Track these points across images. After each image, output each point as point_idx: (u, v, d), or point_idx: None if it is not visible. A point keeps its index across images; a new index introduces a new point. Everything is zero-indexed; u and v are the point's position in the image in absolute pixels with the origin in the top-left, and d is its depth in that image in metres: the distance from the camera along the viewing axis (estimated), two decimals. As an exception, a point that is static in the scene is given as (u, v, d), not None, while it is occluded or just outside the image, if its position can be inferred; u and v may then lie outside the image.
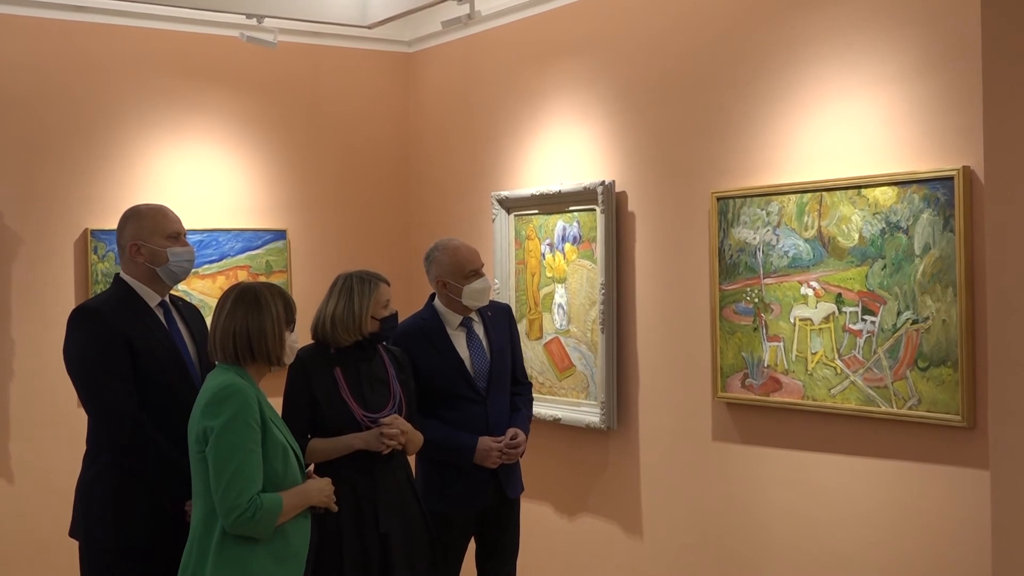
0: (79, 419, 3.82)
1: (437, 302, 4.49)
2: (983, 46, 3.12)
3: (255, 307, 3.39)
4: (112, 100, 5.74)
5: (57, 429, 5.42)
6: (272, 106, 6.21)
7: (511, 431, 4.42)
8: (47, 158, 5.58)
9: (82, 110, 5.66)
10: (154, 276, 3.81)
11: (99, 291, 5.51)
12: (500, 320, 4.60)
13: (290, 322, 3.46)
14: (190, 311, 4.00)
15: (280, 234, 6.15)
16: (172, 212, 3.94)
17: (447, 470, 4.38)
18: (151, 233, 3.83)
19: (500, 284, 5.76)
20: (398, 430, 3.98)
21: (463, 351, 4.44)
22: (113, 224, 5.81)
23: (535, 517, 5.54)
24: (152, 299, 3.81)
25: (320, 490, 3.48)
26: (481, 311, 4.55)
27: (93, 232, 5.58)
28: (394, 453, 4.02)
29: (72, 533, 3.78)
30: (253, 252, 6.05)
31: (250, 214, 6.12)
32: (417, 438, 4.14)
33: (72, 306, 5.54)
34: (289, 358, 3.50)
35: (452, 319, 4.47)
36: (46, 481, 5.42)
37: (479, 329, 4.52)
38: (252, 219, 6.12)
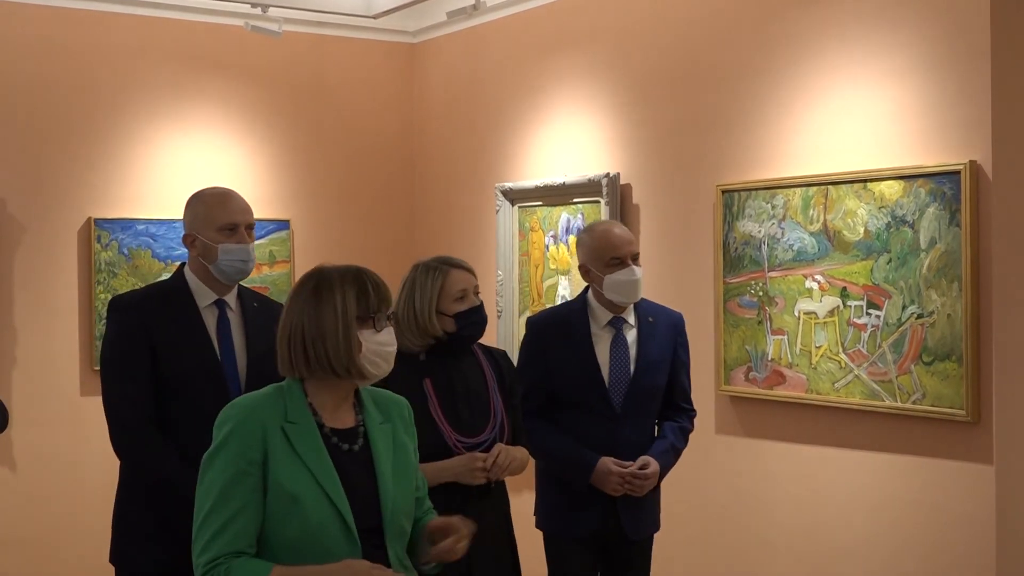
0: (81, 407, 3.79)
1: (590, 293, 3.84)
2: (991, 41, 3.12)
3: (314, 298, 2.50)
4: (116, 89, 5.72)
5: (60, 417, 5.42)
6: (276, 96, 6.20)
7: (642, 460, 3.71)
8: (51, 146, 5.57)
9: (86, 98, 5.65)
10: (210, 274, 3.35)
11: (101, 280, 5.53)
12: (663, 330, 3.86)
13: (370, 316, 2.51)
14: (263, 314, 3.44)
15: (284, 224, 6.14)
16: (237, 200, 3.47)
17: (564, 488, 3.76)
18: (204, 224, 3.35)
19: (503, 276, 5.76)
20: (505, 463, 3.22)
21: (603, 356, 3.76)
22: (116, 213, 5.87)
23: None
24: (204, 298, 3.34)
25: None
26: (640, 314, 3.84)
27: (96, 221, 5.57)
28: (491, 486, 3.28)
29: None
30: (256, 242, 6.01)
31: (254, 204, 5.94)
32: (522, 457, 3.38)
33: (74, 295, 5.58)
34: (376, 367, 2.53)
35: (600, 315, 3.79)
36: (49, 469, 5.42)
37: (630, 334, 3.80)
38: (256, 209, 5.94)
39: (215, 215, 3.35)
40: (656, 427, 3.90)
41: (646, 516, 3.80)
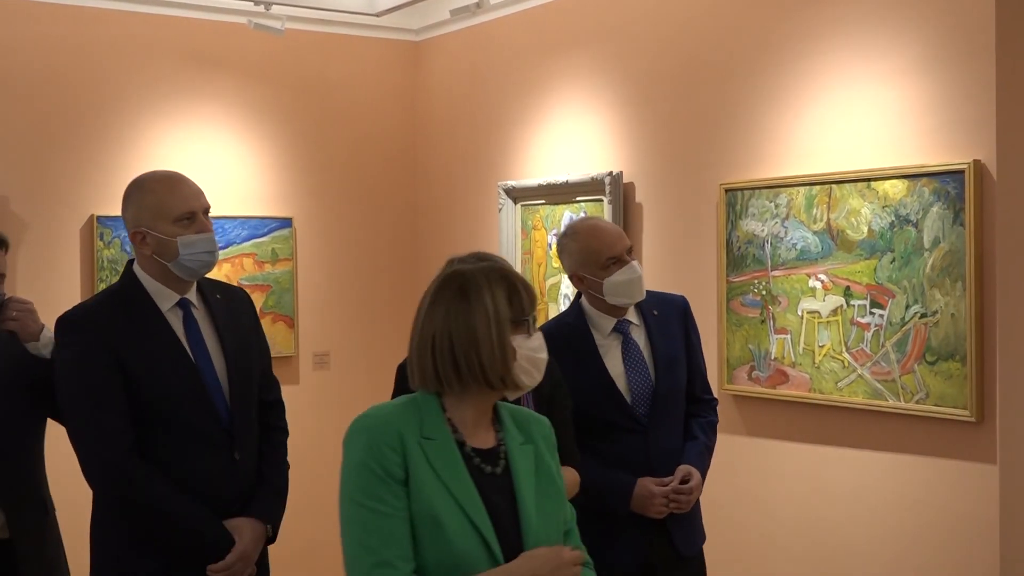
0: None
1: (583, 300, 3.49)
2: (996, 39, 3.10)
3: (461, 302, 2.20)
4: (119, 86, 5.72)
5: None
6: (279, 94, 6.20)
7: (682, 470, 3.38)
8: (53, 144, 5.56)
9: (89, 96, 5.65)
10: (168, 272, 2.95)
11: (103, 277, 5.51)
12: (671, 320, 3.54)
13: (524, 320, 2.24)
14: (229, 306, 3.09)
15: (286, 222, 6.14)
16: (187, 184, 3.03)
17: (603, 518, 3.34)
18: (155, 216, 2.92)
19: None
20: None
21: (616, 367, 3.41)
22: (118, 210, 5.74)
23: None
24: (166, 300, 2.96)
25: None
26: (643, 309, 3.51)
27: (99, 218, 5.57)
28: None
29: None
30: (259, 240, 6.04)
31: (256, 202, 6.11)
32: (568, 482, 2.89)
33: (77, 293, 5.56)
34: (529, 376, 2.26)
35: (602, 323, 3.44)
36: (48, 468, 5.41)
37: (639, 335, 3.47)
38: (258, 207, 6.11)
39: (168, 204, 2.92)
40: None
41: (696, 527, 3.51)
